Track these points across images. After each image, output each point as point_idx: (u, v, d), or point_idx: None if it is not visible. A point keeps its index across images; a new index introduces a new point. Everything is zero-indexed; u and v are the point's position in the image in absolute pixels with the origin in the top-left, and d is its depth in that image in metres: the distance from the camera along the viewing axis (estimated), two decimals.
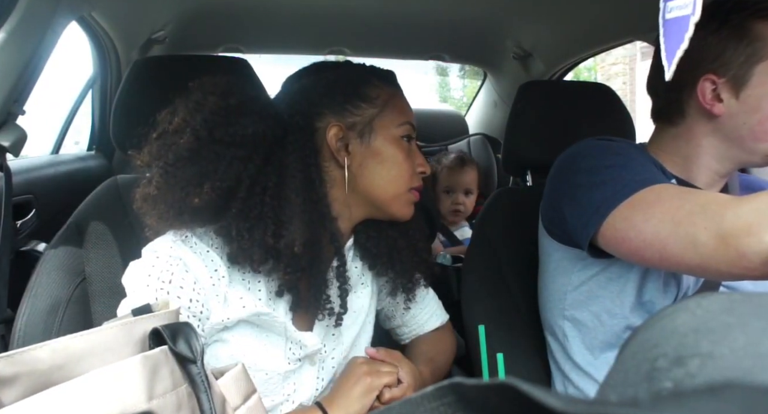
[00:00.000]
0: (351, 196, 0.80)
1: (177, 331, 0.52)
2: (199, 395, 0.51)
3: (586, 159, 0.82)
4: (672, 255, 0.66)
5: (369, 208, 0.82)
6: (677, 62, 0.48)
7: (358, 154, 0.79)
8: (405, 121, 0.82)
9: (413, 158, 0.82)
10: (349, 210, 0.81)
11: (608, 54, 8.05)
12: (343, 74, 0.82)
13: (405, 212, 0.83)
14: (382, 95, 0.80)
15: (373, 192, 0.80)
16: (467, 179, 1.92)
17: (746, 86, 0.78)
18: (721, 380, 0.21)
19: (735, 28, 0.78)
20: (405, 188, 0.81)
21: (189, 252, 0.70)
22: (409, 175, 0.81)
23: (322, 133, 0.78)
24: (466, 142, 2.34)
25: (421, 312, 1.00)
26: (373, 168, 0.79)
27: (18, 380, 0.43)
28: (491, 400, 0.21)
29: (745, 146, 0.81)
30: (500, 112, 2.23)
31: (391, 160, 0.79)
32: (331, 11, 1.57)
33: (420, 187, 0.83)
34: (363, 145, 0.79)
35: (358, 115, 0.79)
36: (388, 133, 0.80)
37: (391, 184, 0.80)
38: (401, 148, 0.80)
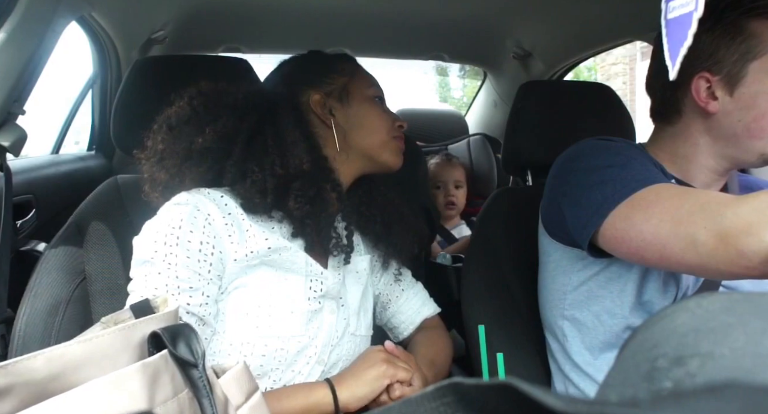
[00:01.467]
0: (344, 151, 0.91)
1: (177, 334, 0.50)
2: (201, 400, 0.50)
3: (586, 159, 0.82)
4: (672, 254, 0.66)
5: (362, 160, 0.92)
6: (681, 60, 0.48)
7: (341, 115, 0.91)
8: (372, 84, 0.95)
9: (387, 114, 0.94)
10: (344, 165, 0.92)
11: (608, 54, 8.05)
12: (313, 58, 0.98)
13: (394, 160, 0.94)
14: (347, 67, 0.94)
15: (362, 143, 0.91)
16: (455, 173, 2.01)
17: (740, 84, 0.78)
18: (721, 380, 0.21)
19: (729, 26, 0.78)
20: (388, 136, 0.92)
21: (200, 197, 0.77)
22: (389, 125, 0.93)
23: (307, 104, 0.90)
24: (466, 142, 2.34)
25: (415, 296, 1.05)
26: (357, 123, 0.91)
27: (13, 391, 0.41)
28: (491, 400, 0.21)
29: (740, 144, 0.81)
30: (500, 112, 2.23)
31: (370, 114, 0.92)
32: (331, 11, 1.57)
33: (402, 137, 0.95)
34: (344, 106, 0.91)
35: (333, 83, 0.92)
36: (362, 94, 0.93)
37: (375, 134, 0.91)
38: (375, 104, 0.93)
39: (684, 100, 0.83)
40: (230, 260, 0.77)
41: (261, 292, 0.78)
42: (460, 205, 2.01)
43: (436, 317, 1.07)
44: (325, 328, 0.85)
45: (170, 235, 0.72)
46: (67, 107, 1.81)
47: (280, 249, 0.80)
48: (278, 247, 0.80)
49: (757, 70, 0.77)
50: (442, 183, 1.99)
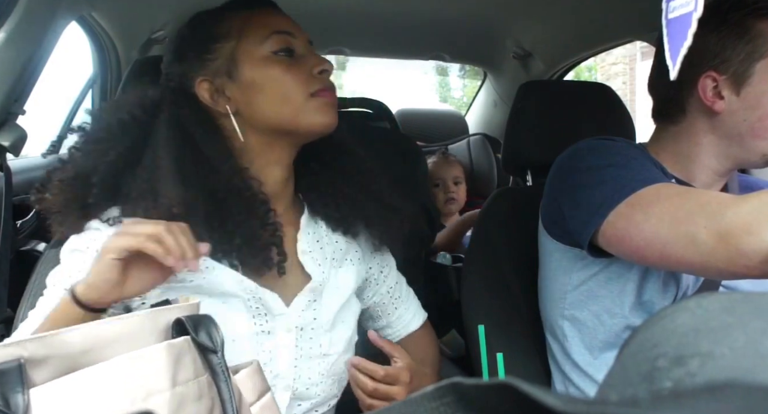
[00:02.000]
0: (258, 137, 0.77)
1: (199, 323, 0.54)
2: (219, 385, 0.53)
3: (586, 158, 0.82)
4: (672, 254, 0.66)
5: (284, 138, 0.78)
6: (681, 60, 0.48)
7: (237, 94, 0.75)
8: (270, 34, 0.75)
9: (301, 65, 0.76)
10: (268, 152, 0.78)
11: (608, 54, 8.05)
12: (189, 29, 0.79)
13: (319, 120, 0.75)
14: (235, 24, 0.76)
15: (271, 120, 0.75)
16: (453, 170, 2.01)
17: (747, 83, 0.79)
18: (721, 380, 0.21)
19: (734, 26, 0.79)
20: (301, 98, 0.74)
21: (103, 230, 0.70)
22: (300, 83, 0.74)
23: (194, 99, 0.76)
24: (466, 142, 2.34)
25: (406, 312, 0.97)
26: (256, 99, 0.75)
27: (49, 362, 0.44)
28: (491, 400, 0.21)
29: (745, 144, 0.81)
30: (500, 112, 2.23)
31: (268, 83, 0.74)
32: (330, 11, 1.57)
33: (326, 87, 0.76)
34: (236, 82, 0.75)
35: (217, 57, 0.75)
36: (253, 57, 0.75)
37: (282, 104, 0.74)
38: (273, 63, 0.75)
39: (689, 99, 0.84)
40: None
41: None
42: (461, 200, 2.02)
43: (426, 323, 1.00)
44: (282, 350, 0.76)
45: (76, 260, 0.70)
46: (67, 107, 1.81)
47: (202, 270, 0.71)
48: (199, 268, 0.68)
49: (763, 70, 0.78)
50: (441, 180, 1.99)
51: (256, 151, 0.77)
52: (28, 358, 0.43)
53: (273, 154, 0.78)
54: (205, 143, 0.74)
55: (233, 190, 0.73)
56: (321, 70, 0.76)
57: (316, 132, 0.77)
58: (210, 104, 0.75)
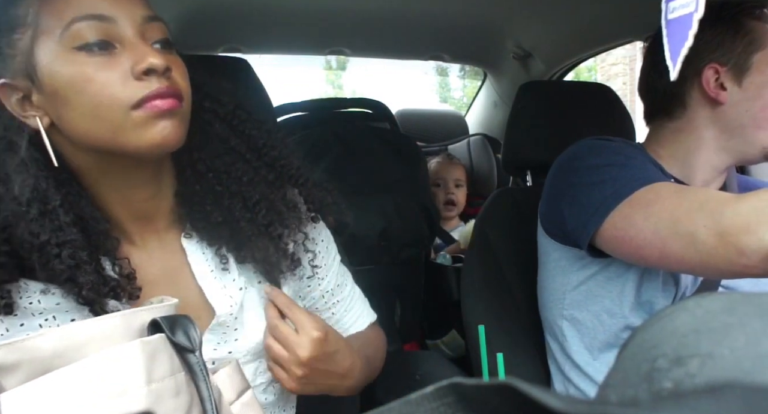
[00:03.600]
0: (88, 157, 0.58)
1: (175, 323, 0.52)
2: (198, 383, 0.52)
3: (585, 159, 0.82)
4: (672, 253, 0.66)
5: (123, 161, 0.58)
6: (682, 61, 0.48)
7: (43, 103, 0.55)
8: (71, 21, 0.52)
9: (116, 64, 0.54)
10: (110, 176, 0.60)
11: (608, 54, 8.03)
12: None
13: (148, 139, 0.54)
14: (32, 3, 0.54)
15: (89, 140, 0.55)
16: (456, 172, 2.01)
17: (747, 74, 0.80)
18: (721, 380, 0.21)
19: (729, 22, 0.81)
20: (120, 111, 0.53)
21: None
22: (116, 91, 0.53)
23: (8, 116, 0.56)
24: (466, 142, 2.34)
25: (347, 314, 0.82)
26: (64, 111, 0.54)
27: (19, 367, 0.44)
28: (491, 400, 0.21)
29: (747, 135, 0.82)
30: (500, 112, 2.23)
31: (73, 90, 0.53)
32: (331, 11, 1.57)
33: (157, 91, 0.54)
34: (38, 88, 0.55)
35: (14, 53, 0.54)
36: (52, 56, 0.53)
37: (96, 120, 0.53)
38: (79, 64, 0.53)
39: (690, 92, 0.84)
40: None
41: None
42: (460, 205, 2.01)
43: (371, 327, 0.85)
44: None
45: None
46: None
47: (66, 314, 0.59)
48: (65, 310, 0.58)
49: (761, 61, 0.80)
50: (442, 180, 1.99)
51: (93, 172, 0.59)
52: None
53: (116, 175, 0.60)
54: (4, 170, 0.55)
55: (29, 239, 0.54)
56: (145, 68, 0.53)
57: (147, 154, 0.56)
58: (18, 115, 0.56)
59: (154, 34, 0.59)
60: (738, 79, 0.81)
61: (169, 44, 0.61)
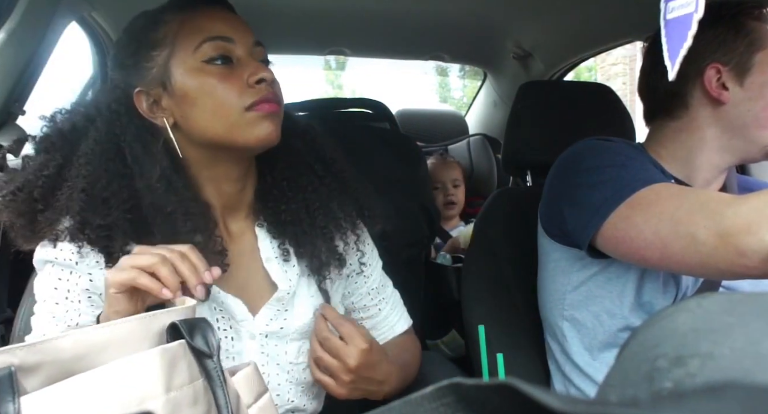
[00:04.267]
0: (200, 152, 0.72)
1: (194, 326, 0.53)
2: (215, 390, 0.52)
3: (585, 159, 0.82)
4: (672, 254, 0.66)
5: (222, 154, 0.73)
6: (681, 61, 0.48)
7: (173, 106, 0.70)
8: (202, 41, 0.69)
9: (236, 75, 0.70)
10: (214, 168, 0.74)
11: (608, 54, 8.03)
12: (126, 33, 0.75)
13: (257, 135, 0.70)
14: (171, 29, 0.71)
15: (207, 135, 0.70)
16: (452, 172, 2.01)
17: (749, 74, 0.80)
18: (721, 380, 0.21)
19: (729, 22, 0.81)
20: (237, 110, 0.69)
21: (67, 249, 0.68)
22: (234, 95, 0.69)
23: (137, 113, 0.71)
24: (466, 142, 2.34)
25: (393, 312, 0.92)
26: (190, 112, 0.70)
27: (40, 369, 0.44)
28: (491, 400, 0.21)
29: (748, 135, 0.82)
30: (500, 112, 2.23)
31: (201, 94, 0.69)
32: (331, 11, 1.57)
33: (266, 97, 0.70)
34: (169, 94, 0.70)
35: (153, 66, 0.70)
36: (185, 67, 0.69)
37: (216, 117, 0.69)
38: (206, 73, 0.69)
39: (692, 92, 0.84)
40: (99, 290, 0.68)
41: None
42: (460, 204, 2.02)
43: (410, 330, 0.95)
44: (246, 356, 0.75)
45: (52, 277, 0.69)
46: None
47: None
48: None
49: (762, 61, 0.80)
50: (440, 183, 1.99)
51: (200, 164, 0.74)
52: (19, 366, 0.42)
53: (218, 168, 0.74)
54: (136, 157, 0.69)
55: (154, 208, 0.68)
56: (258, 79, 0.70)
57: (254, 148, 0.72)
58: (148, 116, 0.71)
59: (259, 55, 0.75)
60: (740, 78, 0.81)
61: (269, 63, 0.77)
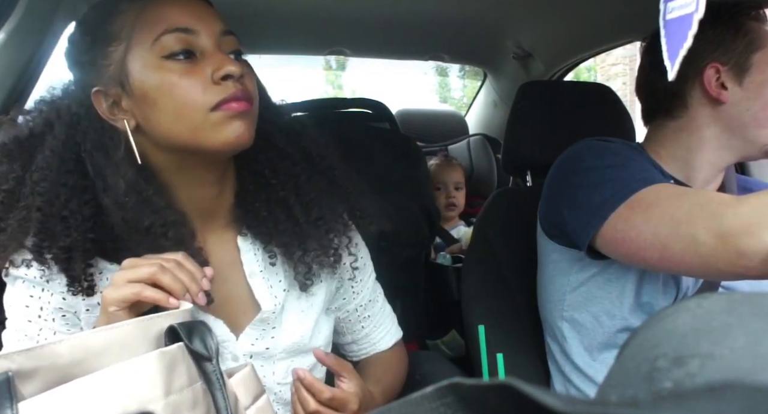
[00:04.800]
0: (167, 156, 0.66)
1: (192, 330, 0.53)
2: (214, 393, 0.52)
3: (584, 160, 0.82)
4: (672, 255, 0.66)
5: (197, 158, 0.66)
6: (680, 61, 0.48)
7: (133, 107, 0.63)
8: (161, 33, 0.61)
9: (197, 70, 0.62)
10: (183, 173, 0.67)
11: (608, 54, 8.03)
12: (80, 26, 0.67)
13: (224, 137, 0.62)
14: (128, 20, 0.62)
15: (172, 139, 0.63)
16: (455, 174, 2.02)
17: (748, 73, 0.81)
18: (721, 380, 0.21)
19: (728, 22, 0.81)
20: (200, 112, 0.61)
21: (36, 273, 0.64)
22: (198, 95, 0.61)
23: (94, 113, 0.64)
24: (466, 142, 2.34)
25: (376, 330, 0.88)
26: (150, 113, 0.62)
27: (38, 374, 0.43)
28: (491, 400, 0.21)
29: (748, 134, 0.82)
30: (500, 112, 2.23)
31: (161, 94, 0.61)
32: (331, 11, 1.57)
33: (233, 95, 0.62)
34: (128, 94, 0.62)
35: (110, 63, 0.63)
36: (143, 64, 0.62)
37: (179, 120, 0.61)
38: (166, 71, 0.61)
39: (692, 91, 0.84)
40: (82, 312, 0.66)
41: None
42: (460, 206, 2.02)
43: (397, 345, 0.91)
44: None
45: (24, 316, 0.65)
46: None
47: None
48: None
49: (761, 61, 0.80)
50: (443, 184, 1.99)
51: (168, 170, 0.67)
52: (16, 371, 0.42)
53: (188, 173, 0.68)
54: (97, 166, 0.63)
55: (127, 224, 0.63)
56: (223, 74, 0.61)
57: (223, 151, 0.65)
58: (108, 118, 0.64)
59: (228, 46, 0.66)
60: (739, 78, 0.81)
61: (241, 54, 0.69)
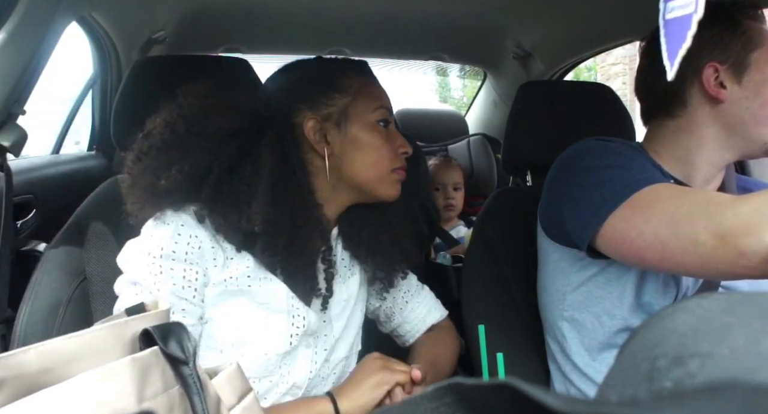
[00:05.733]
0: (336, 183, 0.83)
1: (168, 332, 0.51)
2: (192, 397, 0.50)
3: (584, 160, 0.82)
4: (672, 255, 0.66)
5: (355, 192, 0.85)
6: (680, 62, 0.48)
7: (337, 143, 0.82)
8: (379, 106, 0.84)
9: (392, 141, 0.84)
10: (335, 196, 0.85)
11: (608, 54, 8.03)
12: (315, 69, 0.86)
13: (391, 192, 0.85)
14: (354, 84, 0.83)
15: (357, 177, 0.83)
16: (454, 175, 2.01)
17: (746, 72, 0.81)
18: (721, 380, 0.21)
19: (726, 21, 0.81)
20: (387, 169, 0.83)
21: (185, 217, 0.74)
22: (390, 157, 0.83)
23: (300, 127, 0.81)
24: (466, 142, 2.34)
25: (419, 305, 1.00)
26: (353, 154, 0.82)
27: (5, 385, 0.41)
28: (491, 400, 0.21)
29: (747, 132, 0.82)
30: (500, 112, 2.23)
31: (369, 145, 0.82)
32: (331, 11, 1.57)
33: (404, 166, 0.86)
34: (341, 133, 0.82)
35: (332, 105, 0.82)
36: (363, 120, 0.82)
37: (372, 168, 0.82)
38: (377, 132, 0.83)
39: (691, 91, 0.84)
40: (210, 284, 0.74)
41: (236, 330, 0.76)
42: (459, 206, 2.02)
43: (445, 319, 1.04)
44: (300, 364, 0.82)
45: (153, 264, 0.71)
46: (68, 107, 1.81)
47: (260, 278, 0.77)
48: (258, 276, 0.77)
49: (759, 60, 0.80)
50: (441, 185, 1.99)
51: (330, 192, 0.84)
52: None
53: (341, 198, 0.86)
54: (302, 173, 0.80)
55: (311, 220, 0.80)
56: (405, 151, 0.85)
57: (382, 198, 0.86)
58: (312, 141, 0.81)
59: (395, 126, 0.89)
60: (737, 77, 0.81)
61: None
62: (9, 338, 0.89)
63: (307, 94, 0.82)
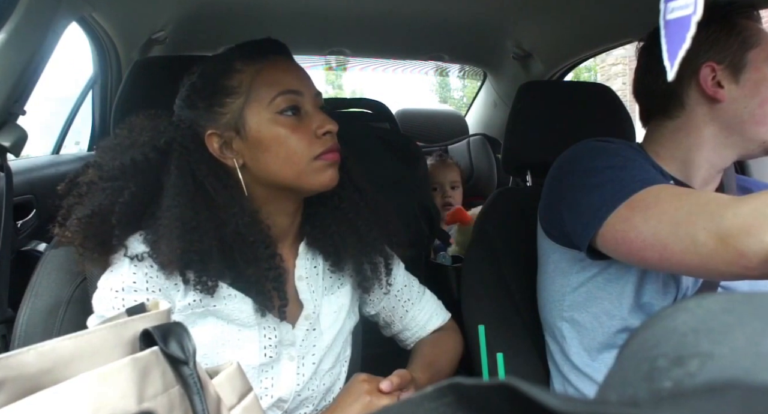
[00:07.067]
0: (265, 189, 0.79)
1: (168, 332, 0.51)
2: (192, 397, 0.50)
3: (584, 160, 0.82)
4: (672, 255, 0.66)
5: (288, 192, 0.80)
6: (680, 62, 0.48)
7: (244, 149, 0.77)
8: (276, 94, 0.75)
9: (306, 126, 0.76)
10: (276, 202, 0.81)
11: (608, 54, 8.04)
12: (200, 77, 0.79)
13: (321, 181, 0.77)
14: (245, 79, 0.76)
15: (276, 178, 0.77)
16: (450, 174, 2.00)
17: (744, 71, 0.81)
18: (721, 380, 0.21)
19: (722, 21, 0.82)
20: (305, 160, 0.76)
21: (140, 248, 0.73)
22: (304, 146, 0.76)
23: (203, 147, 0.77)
24: (466, 142, 2.34)
25: (420, 312, 0.98)
26: (261, 157, 0.76)
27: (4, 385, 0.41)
28: (491, 400, 0.21)
29: (746, 132, 0.82)
30: (500, 112, 2.23)
31: (273, 142, 0.75)
32: (331, 11, 1.57)
33: (330, 147, 0.77)
34: (243, 139, 0.76)
35: (227, 112, 0.76)
36: (260, 117, 0.75)
37: (286, 165, 0.76)
38: (279, 125, 0.75)
39: (688, 91, 0.84)
40: (176, 310, 0.73)
41: (208, 348, 0.75)
42: (457, 205, 2.02)
43: (448, 321, 1.02)
44: (284, 377, 0.80)
45: (116, 298, 0.72)
46: (68, 107, 1.81)
47: (224, 297, 0.76)
48: (221, 295, 0.75)
49: (756, 59, 0.81)
50: (438, 184, 1.98)
51: (261, 200, 0.80)
52: None
53: (277, 204, 0.81)
54: (216, 190, 0.75)
55: (239, 236, 0.75)
56: (325, 131, 0.77)
57: (316, 191, 0.80)
58: (218, 156, 0.77)
59: (318, 103, 0.80)
60: (735, 76, 0.81)
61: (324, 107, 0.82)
62: (9, 338, 0.89)
63: (199, 109, 0.77)
